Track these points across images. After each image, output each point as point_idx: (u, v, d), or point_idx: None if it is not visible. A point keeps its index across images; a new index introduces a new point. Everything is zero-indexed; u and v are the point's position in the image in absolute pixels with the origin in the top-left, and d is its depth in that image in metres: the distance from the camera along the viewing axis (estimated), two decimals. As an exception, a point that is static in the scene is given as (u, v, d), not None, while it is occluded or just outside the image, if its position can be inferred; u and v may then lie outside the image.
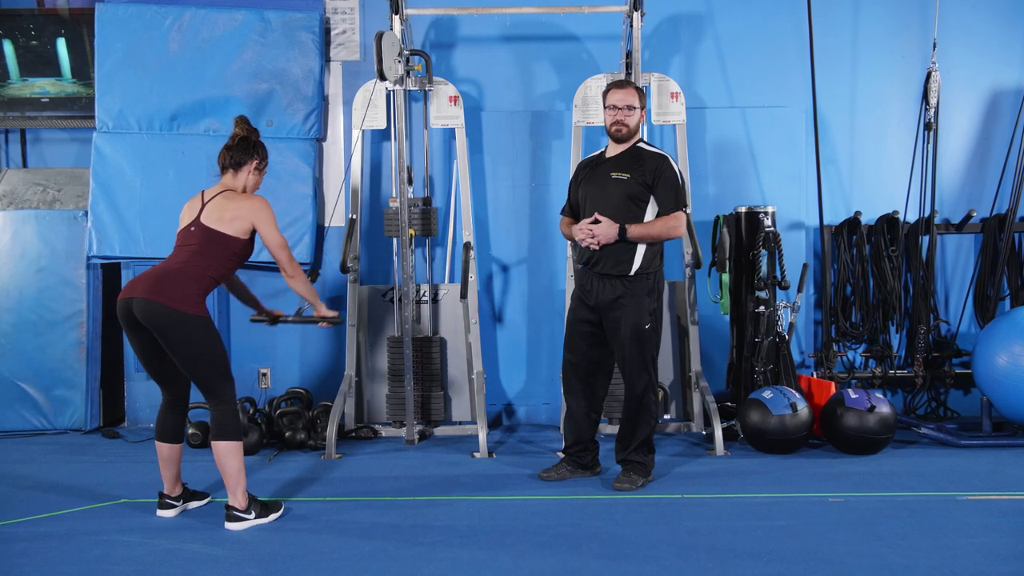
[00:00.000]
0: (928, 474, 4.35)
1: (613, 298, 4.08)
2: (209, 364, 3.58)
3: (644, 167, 4.09)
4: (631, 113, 4.11)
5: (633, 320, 4.06)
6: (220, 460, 3.60)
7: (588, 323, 4.19)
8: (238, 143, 3.78)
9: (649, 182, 4.07)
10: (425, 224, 5.37)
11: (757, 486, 4.15)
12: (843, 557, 3.17)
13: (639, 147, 4.18)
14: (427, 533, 3.51)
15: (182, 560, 3.25)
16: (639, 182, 4.07)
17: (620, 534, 3.47)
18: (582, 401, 4.30)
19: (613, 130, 4.15)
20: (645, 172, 4.08)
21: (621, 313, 4.07)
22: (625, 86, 4.19)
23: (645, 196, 4.08)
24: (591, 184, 4.19)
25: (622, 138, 4.15)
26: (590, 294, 4.15)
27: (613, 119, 4.13)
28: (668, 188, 4.08)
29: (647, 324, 4.08)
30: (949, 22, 5.74)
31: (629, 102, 4.11)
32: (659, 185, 4.07)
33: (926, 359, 5.65)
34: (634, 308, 4.06)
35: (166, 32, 5.53)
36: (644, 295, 4.08)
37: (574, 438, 4.31)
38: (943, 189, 5.80)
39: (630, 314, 4.06)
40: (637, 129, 4.18)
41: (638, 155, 4.14)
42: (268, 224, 3.70)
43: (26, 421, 5.54)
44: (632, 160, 4.13)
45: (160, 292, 3.51)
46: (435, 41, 5.82)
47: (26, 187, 5.80)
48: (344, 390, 5.19)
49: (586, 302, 4.18)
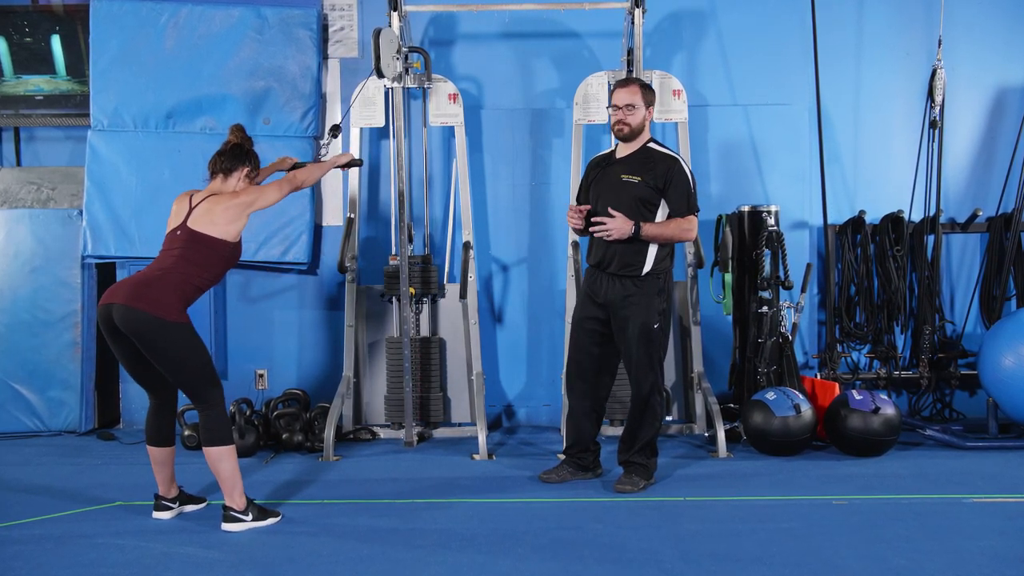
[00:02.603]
0: (933, 476, 4.32)
1: (623, 296, 4.04)
2: (193, 370, 3.53)
3: (655, 170, 4.03)
4: (632, 112, 4.05)
5: (642, 319, 4.02)
6: (213, 465, 3.57)
7: (596, 320, 4.15)
8: (230, 150, 3.75)
9: (660, 186, 4.02)
10: (426, 282, 5.32)
11: (760, 489, 4.13)
12: (847, 561, 3.14)
13: (649, 148, 4.12)
14: (426, 536, 3.48)
15: (178, 563, 3.22)
16: (650, 185, 4.02)
17: (621, 537, 3.44)
18: (585, 401, 4.25)
19: (615, 130, 4.11)
20: (656, 175, 4.02)
21: (630, 312, 4.03)
22: (628, 84, 4.14)
23: (656, 199, 4.04)
24: (602, 185, 4.14)
25: (625, 137, 4.10)
26: (599, 293, 4.11)
27: (615, 119, 4.10)
28: (680, 192, 4.03)
29: (656, 324, 4.04)
30: (954, 19, 5.70)
31: (629, 101, 4.05)
32: (671, 189, 4.02)
33: (931, 360, 5.61)
34: (644, 307, 4.02)
35: (162, 29, 5.49)
36: (655, 294, 4.05)
37: (575, 438, 4.27)
38: (948, 188, 5.76)
39: (639, 313, 4.02)
40: (642, 128, 4.10)
41: (649, 157, 4.09)
42: (263, 198, 3.69)
43: (20, 423, 5.51)
44: (643, 162, 4.07)
45: (140, 298, 3.44)
46: (434, 38, 5.78)
47: (20, 186, 5.78)
48: (342, 391, 5.16)
49: (595, 300, 4.13)
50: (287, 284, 5.81)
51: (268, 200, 3.72)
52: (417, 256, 5.41)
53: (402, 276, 5.10)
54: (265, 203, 3.71)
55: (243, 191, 3.71)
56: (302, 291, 5.82)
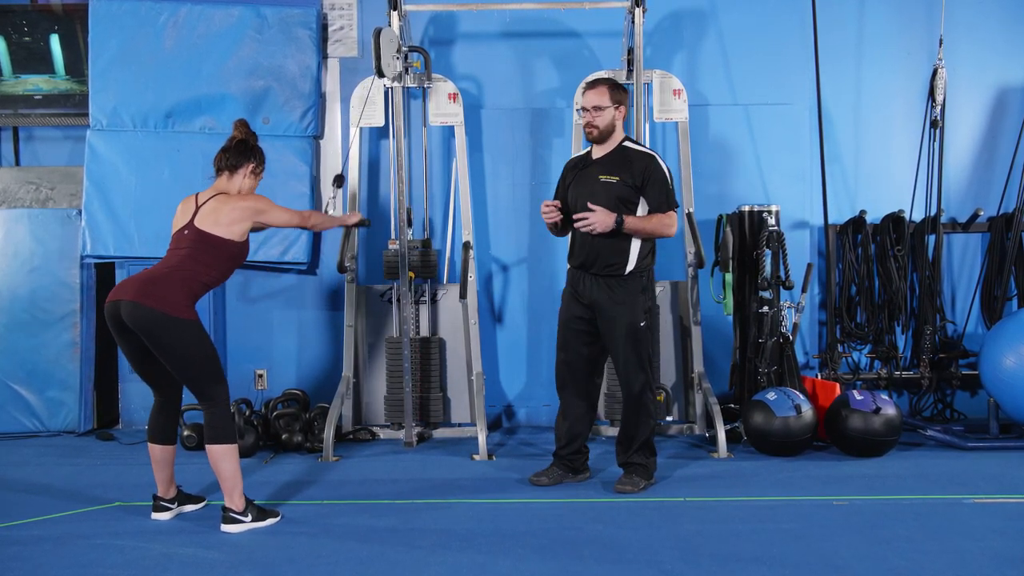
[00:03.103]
0: (934, 477, 4.31)
1: (607, 297, 4.05)
2: (199, 367, 3.53)
3: (632, 168, 4.05)
4: (599, 114, 4.05)
5: (628, 318, 4.03)
6: (215, 464, 3.56)
7: (582, 320, 4.15)
8: (235, 146, 3.74)
9: (639, 184, 4.03)
10: (425, 266, 5.33)
11: (761, 489, 4.12)
12: (848, 561, 3.13)
13: (625, 147, 4.13)
14: (426, 537, 3.47)
15: (177, 564, 3.21)
16: (628, 184, 4.03)
17: (622, 538, 3.43)
18: (579, 400, 4.24)
19: (586, 132, 4.14)
20: (634, 173, 4.04)
21: (616, 312, 4.03)
22: (596, 86, 4.13)
23: (635, 198, 4.05)
24: (580, 186, 4.14)
25: (596, 139, 4.11)
26: (583, 294, 4.11)
27: (584, 121, 4.12)
28: (659, 188, 4.04)
29: (642, 322, 4.05)
30: (955, 18, 5.69)
31: (596, 103, 4.05)
32: (649, 186, 4.04)
33: (932, 360, 5.60)
34: (629, 306, 4.03)
35: (161, 28, 5.48)
36: (638, 293, 4.06)
37: (568, 439, 4.26)
38: (949, 187, 5.76)
39: (625, 312, 4.03)
40: (612, 128, 4.10)
41: (625, 155, 4.10)
42: (272, 213, 3.70)
43: (19, 423, 5.50)
44: (620, 161, 4.09)
45: (148, 295, 3.45)
46: (434, 37, 5.77)
47: (19, 185, 5.77)
48: (342, 391, 5.14)
49: (580, 300, 4.14)
50: (287, 284, 5.80)
51: (277, 219, 3.74)
52: (416, 240, 5.40)
53: (401, 259, 5.08)
54: (273, 220, 3.73)
55: (255, 197, 3.71)
56: (302, 291, 5.81)
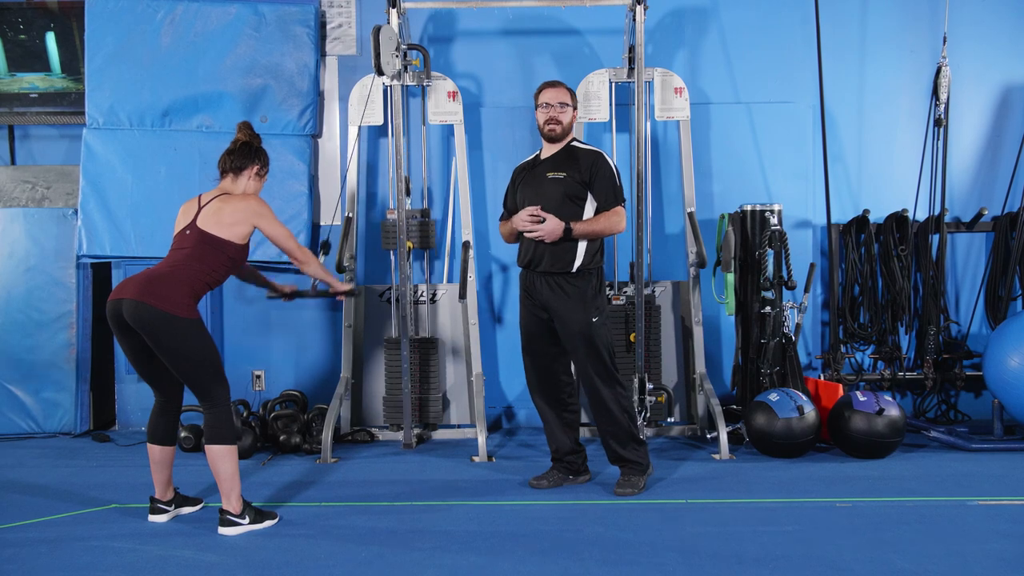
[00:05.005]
0: (938, 478, 4.30)
1: (558, 297, 4.05)
2: (200, 367, 3.52)
3: (579, 165, 4.08)
4: (564, 111, 4.10)
5: (579, 316, 4.03)
6: (214, 464, 3.55)
7: (541, 322, 4.15)
8: (240, 148, 3.74)
9: (586, 179, 4.06)
10: (423, 236, 5.32)
11: (763, 490, 4.10)
12: (851, 563, 3.12)
13: (573, 146, 4.17)
14: (425, 539, 3.46)
15: (174, 566, 3.20)
16: (576, 180, 4.06)
17: (622, 539, 3.41)
18: (550, 408, 4.23)
19: (547, 129, 4.13)
20: (581, 170, 4.07)
21: (567, 312, 4.04)
22: (557, 85, 4.18)
23: (583, 194, 4.07)
24: (528, 187, 4.17)
25: (556, 137, 4.13)
26: (535, 296, 4.12)
27: (547, 116, 4.11)
28: (606, 184, 4.06)
29: (594, 317, 4.06)
30: (959, 16, 5.67)
31: (562, 99, 4.10)
32: (596, 181, 4.06)
33: (936, 361, 5.59)
34: (578, 303, 4.03)
35: (158, 26, 5.46)
36: (587, 288, 4.07)
37: (556, 446, 4.27)
38: (953, 186, 5.74)
39: (576, 310, 4.03)
40: (570, 128, 4.16)
41: (573, 153, 4.13)
42: (270, 221, 3.68)
43: (14, 424, 5.48)
44: (567, 159, 4.12)
45: (150, 294, 3.45)
46: (433, 35, 5.74)
47: (14, 185, 5.76)
48: (340, 392, 5.13)
49: (535, 302, 4.14)
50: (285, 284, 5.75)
51: (273, 230, 3.69)
52: (415, 210, 5.38)
53: (399, 229, 5.07)
54: (269, 230, 3.68)
55: (257, 200, 3.70)
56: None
